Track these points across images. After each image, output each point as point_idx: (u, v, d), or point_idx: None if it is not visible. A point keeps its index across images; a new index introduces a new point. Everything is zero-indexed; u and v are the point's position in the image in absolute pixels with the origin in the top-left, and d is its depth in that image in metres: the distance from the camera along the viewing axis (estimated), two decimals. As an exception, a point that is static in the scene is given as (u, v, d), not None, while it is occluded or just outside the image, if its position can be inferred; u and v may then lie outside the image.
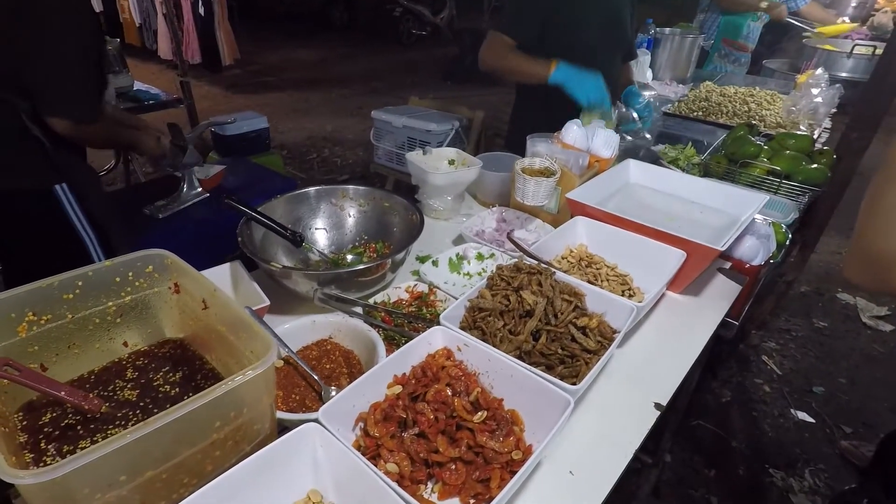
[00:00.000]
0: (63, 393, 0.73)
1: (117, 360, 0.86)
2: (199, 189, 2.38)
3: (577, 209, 1.23)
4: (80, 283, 0.80)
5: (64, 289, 0.78)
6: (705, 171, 1.88)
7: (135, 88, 3.14)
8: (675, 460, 2.06)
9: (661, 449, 1.88)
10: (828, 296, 3.11)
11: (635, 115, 1.85)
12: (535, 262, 1.05)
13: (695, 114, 2.63)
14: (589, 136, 1.38)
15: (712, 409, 2.31)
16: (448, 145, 2.89)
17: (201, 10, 6.82)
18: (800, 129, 2.33)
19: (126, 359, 0.87)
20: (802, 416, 2.28)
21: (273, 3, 10.19)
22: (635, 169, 1.42)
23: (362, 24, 10.64)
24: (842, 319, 2.91)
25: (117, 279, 0.84)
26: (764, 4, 3.51)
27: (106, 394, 0.81)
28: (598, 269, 1.15)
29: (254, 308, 0.98)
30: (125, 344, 0.88)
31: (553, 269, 1.01)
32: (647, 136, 1.96)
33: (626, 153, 1.80)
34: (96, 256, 1.75)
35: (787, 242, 1.47)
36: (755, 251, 1.26)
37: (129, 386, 0.82)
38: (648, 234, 1.13)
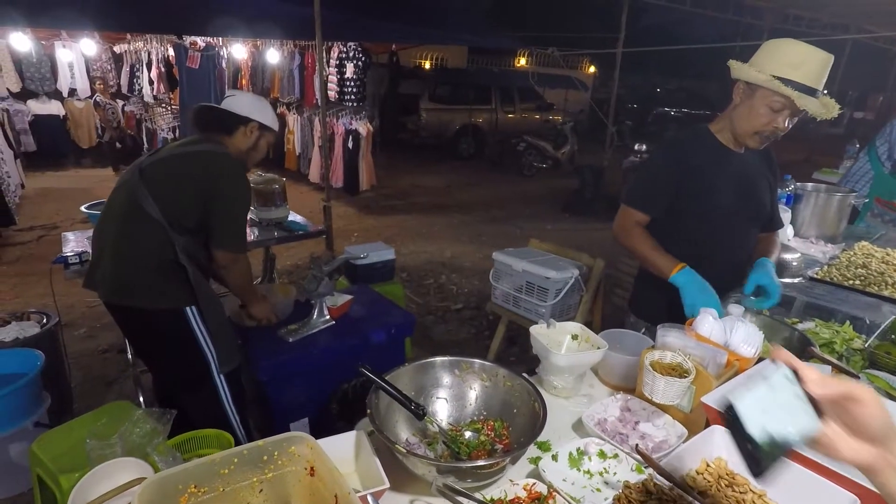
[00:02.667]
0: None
1: (250, 533, 0.91)
2: (327, 316, 2.59)
3: (715, 416, 1.14)
4: (235, 460, 0.89)
5: (223, 465, 0.87)
6: (870, 361, 1.66)
7: (288, 219, 3.62)
8: None
9: None
10: None
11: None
12: (668, 483, 0.97)
13: (850, 282, 2.29)
14: (727, 330, 1.31)
15: None
16: (566, 293, 2.89)
17: (350, 144, 7.90)
18: None
19: (257, 534, 0.92)
20: None
21: (409, 136, 11.51)
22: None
23: (487, 155, 11.56)
24: None
25: (265, 457, 0.92)
26: None
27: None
28: (741, 493, 1.02)
29: (373, 490, 1.01)
30: (258, 517, 0.93)
31: (689, 499, 0.92)
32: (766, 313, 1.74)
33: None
34: (214, 367, 2.14)
35: None
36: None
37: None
38: (804, 463, 1.00)
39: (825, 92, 1.58)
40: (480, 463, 1.03)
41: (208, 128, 2.18)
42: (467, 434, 1.27)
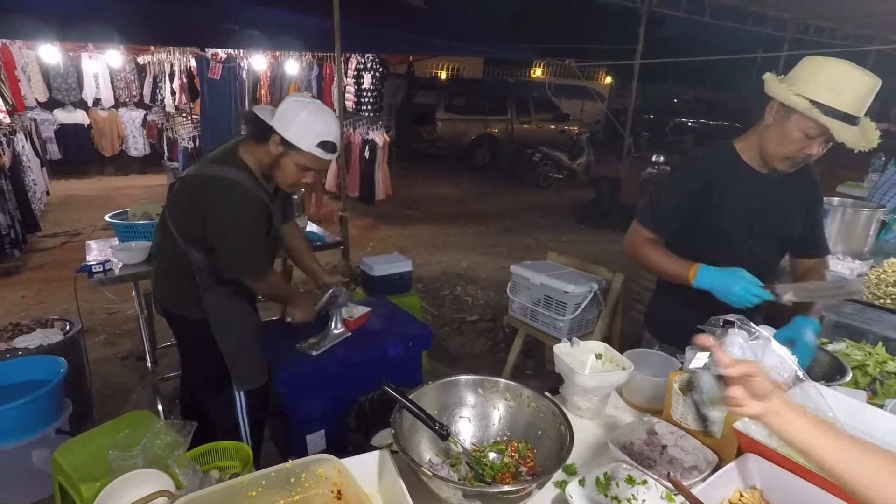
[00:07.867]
0: None
1: (276, 557, 0.91)
2: (344, 328, 2.58)
3: (748, 444, 1.11)
4: (263, 483, 0.88)
5: (251, 487, 0.87)
6: (904, 384, 1.61)
7: (306, 230, 3.64)
8: None
9: None
10: None
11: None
12: (702, 514, 0.94)
13: (881, 301, 2.21)
14: (758, 354, 1.27)
15: None
16: (585, 307, 2.86)
17: (366, 154, 7.96)
18: None
19: (284, 557, 0.91)
20: None
21: (425, 146, 11.55)
22: (818, 396, 1.26)
23: (503, 165, 11.55)
24: None
25: (292, 479, 0.91)
26: None
27: None
28: (776, 525, 0.99)
29: (399, 513, 1.00)
30: (284, 540, 0.93)
31: (726, 532, 0.89)
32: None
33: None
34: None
35: None
36: None
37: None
38: (844, 497, 0.96)
39: (866, 115, 1.47)
40: (507, 488, 1.01)
41: (251, 132, 1.98)
42: (491, 455, 1.25)
